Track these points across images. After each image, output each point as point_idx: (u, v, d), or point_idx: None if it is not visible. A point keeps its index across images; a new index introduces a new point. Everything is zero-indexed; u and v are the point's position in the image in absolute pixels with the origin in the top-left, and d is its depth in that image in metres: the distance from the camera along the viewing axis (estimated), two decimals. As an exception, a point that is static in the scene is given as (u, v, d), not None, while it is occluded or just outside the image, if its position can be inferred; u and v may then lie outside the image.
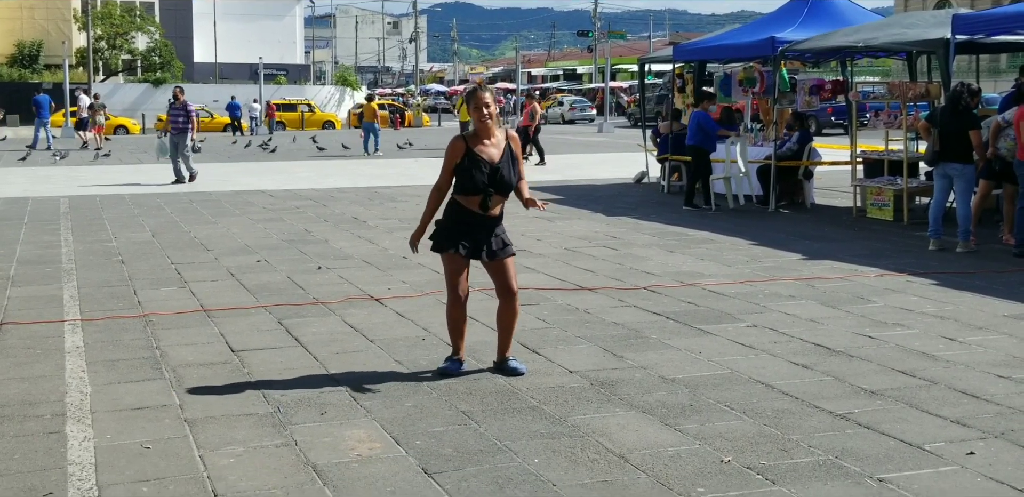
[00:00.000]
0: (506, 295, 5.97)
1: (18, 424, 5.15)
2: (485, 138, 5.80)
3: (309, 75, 79.63)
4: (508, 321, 6.01)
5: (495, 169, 5.75)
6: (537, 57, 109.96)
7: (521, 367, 6.01)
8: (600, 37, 76.06)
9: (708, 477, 4.38)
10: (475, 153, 5.76)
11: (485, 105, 5.74)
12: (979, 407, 5.33)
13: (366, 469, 4.51)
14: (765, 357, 6.38)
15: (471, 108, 5.78)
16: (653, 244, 11.25)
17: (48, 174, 22.04)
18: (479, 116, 5.76)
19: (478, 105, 5.74)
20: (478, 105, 5.74)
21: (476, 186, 5.74)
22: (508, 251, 5.92)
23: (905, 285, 8.71)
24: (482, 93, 5.76)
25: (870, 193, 13.40)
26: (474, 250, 5.84)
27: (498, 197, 5.82)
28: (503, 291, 5.97)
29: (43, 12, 57.93)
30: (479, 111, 5.75)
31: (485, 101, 5.74)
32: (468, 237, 5.82)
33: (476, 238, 5.83)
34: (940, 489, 4.23)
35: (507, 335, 6.04)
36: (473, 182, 5.74)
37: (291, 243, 11.50)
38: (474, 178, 5.73)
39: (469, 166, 5.73)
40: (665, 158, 17.10)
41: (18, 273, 9.63)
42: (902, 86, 12.81)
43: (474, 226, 5.83)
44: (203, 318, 7.62)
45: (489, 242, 5.86)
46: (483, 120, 5.77)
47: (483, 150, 5.78)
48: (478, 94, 5.76)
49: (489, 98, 5.78)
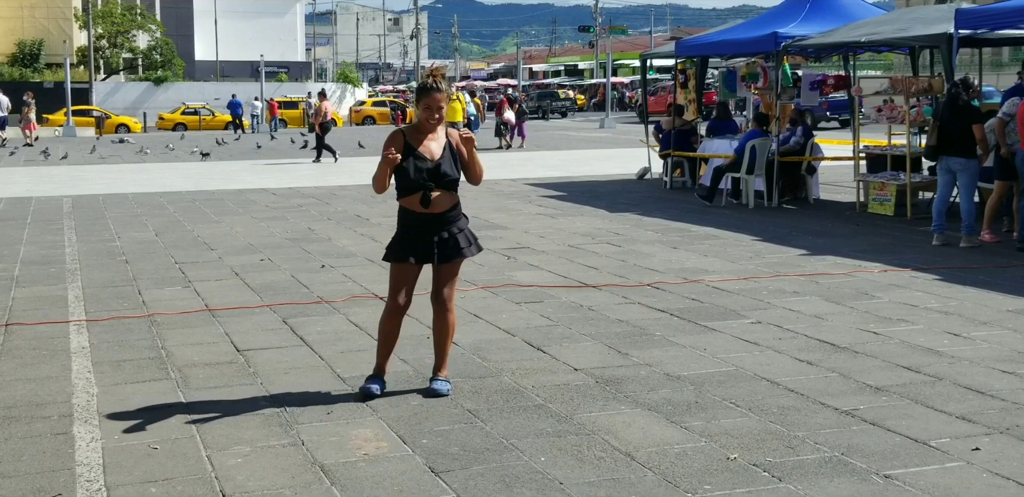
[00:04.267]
0: (435, 303, 5.59)
1: (26, 425, 5.16)
2: (426, 134, 5.46)
3: (310, 72, 79.59)
4: (439, 336, 5.65)
5: (436, 165, 5.40)
6: (538, 53, 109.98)
7: (442, 389, 5.56)
8: (601, 32, 76.01)
9: (714, 474, 4.39)
10: (414, 148, 5.41)
11: (439, 108, 5.39)
12: (984, 403, 5.34)
13: (373, 468, 4.52)
14: (770, 354, 6.38)
15: (421, 106, 5.41)
16: (656, 241, 11.25)
17: (51, 174, 22.06)
18: (428, 116, 5.40)
19: (431, 106, 5.38)
20: (431, 106, 5.38)
21: (413, 182, 5.38)
22: (464, 252, 5.53)
23: (909, 281, 8.71)
24: (438, 95, 5.38)
25: (873, 188, 13.40)
26: (424, 254, 5.48)
27: (440, 193, 5.43)
28: (434, 297, 5.59)
29: (44, 11, 57.89)
30: (430, 111, 5.39)
31: (440, 104, 5.39)
32: (417, 242, 5.47)
33: (426, 241, 5.46)
34: (946, 485, 4.24)
35: (440, 350, 5.66)
36: (410, 178, 5.38)
37: (294, 241, 11.51)
38: (411, 174, 5.37)
39: (407, 162, 5.38)
40: (667, 154, 17.10)
41: (22, 273, 9.65)
42: (905, 81, 12.81)
43: (422, 229, 5.46)
44: (208, 318, 7.64)
45: (442, 243, 5.48)
46: (431, 121, 5.41)
47: (423, 145, 5.43)
48: (434, 96, 5.38)
49: (444, 100, 5.40)
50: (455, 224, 5.53)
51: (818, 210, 14.00)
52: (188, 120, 47.74)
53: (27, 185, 19.26)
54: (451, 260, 5.54)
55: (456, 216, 5.54)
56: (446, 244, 5.50)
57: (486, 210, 13.88)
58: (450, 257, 5.53)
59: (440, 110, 5.41)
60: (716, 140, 16.70)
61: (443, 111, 5.43)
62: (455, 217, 5.53)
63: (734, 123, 17.59)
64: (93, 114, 46.24)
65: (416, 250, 5.49)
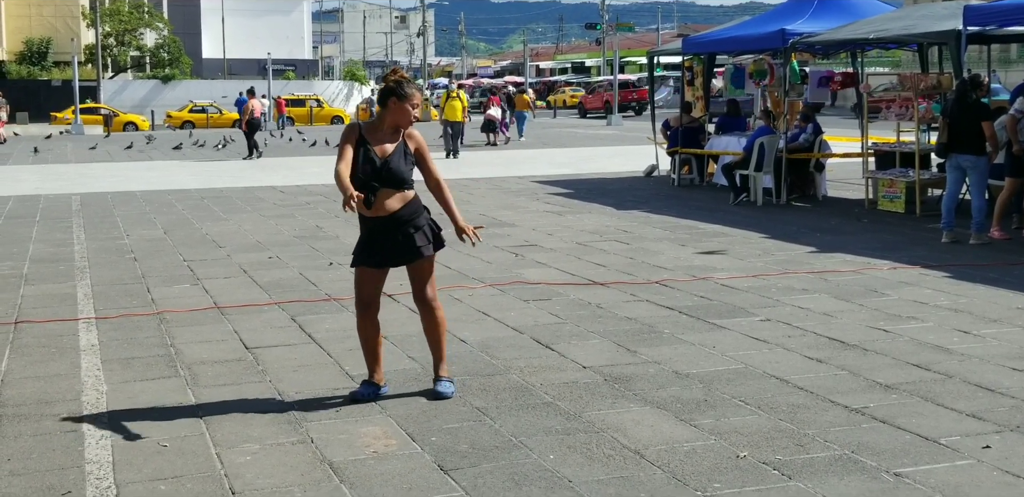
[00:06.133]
0: (418, 304, 5.52)
1: (35, 423, 5.17)
2: (383, 131, 5.36)
3: (317, 70, 79.64)
4: (430, 334, 5.56)
5: (384, 162, 5.27)
6: (545, 50, 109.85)
7: (446, 391, 5.49)
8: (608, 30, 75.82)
9: (724, 472, 4.38)
10: (368, 144, 5.30)
11: (415, 106, 5.32)
12: (994, 400, 5.32)
13: (382, 466, 4.52)
14: (779, 351, 6.37)
15: (400, 105, 5.30)
16: (664, 238, 11.24)
17: (60, 172, 22.10)
18: (411, 117, 5.32)
19: (414, 105, 5.31)
20: (414, 105, 5.31)
21: (358, 182, 5.21)
22: (422, 251, 5.38)
23: (918, 278, 8.68)
24: (417, 93, 5.33)
25: (882, 185, 13.36)
26: (384, 257, 5.39)
27: (387, 191, 5.29)
28: (415, 299, 5.50)
29: (51, 9, 57.96)
30: (411, 111, 5.31)
31: (416, 102, 5.32)
32: (375, 246, 5.37)
33: (384, 244, 5.35)
34: (956, 483, 4.23)
35: (435, 349, 5.58)
36: (356, 177, 5.23)
37: (302, 239, 11.52)
38: (358, 171, 5.24)
39: (359, 159, 5.26)
40: (675, 151, 17.07)
41: (32, 271, 9.67)
42: (913, 78, 12.77)
43: (378, 232, 5.35)
44: (217, 315, 7.64)
45: (398, 245, 5.35)
46: (412, 120, 5.34)
47: (377, 143, 5.32)
48: (415, 94, 5.32)
49: (419, 99, 5.36)
50: (411, 223, 5.37)
51: (827, 207, 13.97)
52: (196, 118, 47.81)
53: (36, 183, 19.30)
54: (413, 261, 5.43)
55: (410, 215, 5.37)
56: (402, 246, 5.37)
57: (494, 208, 13.87)
58: (410, 259, 5.41)
59: (416, 107, 5.34)
60: (725, 137, 16.68)
61: (417, 111, 5.36)
62: (410, 216, 5.36)
63: (743, 120, 17.57)
64: (101, 112, 46.33)
65: (374, 254, 5.40)
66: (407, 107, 5.33)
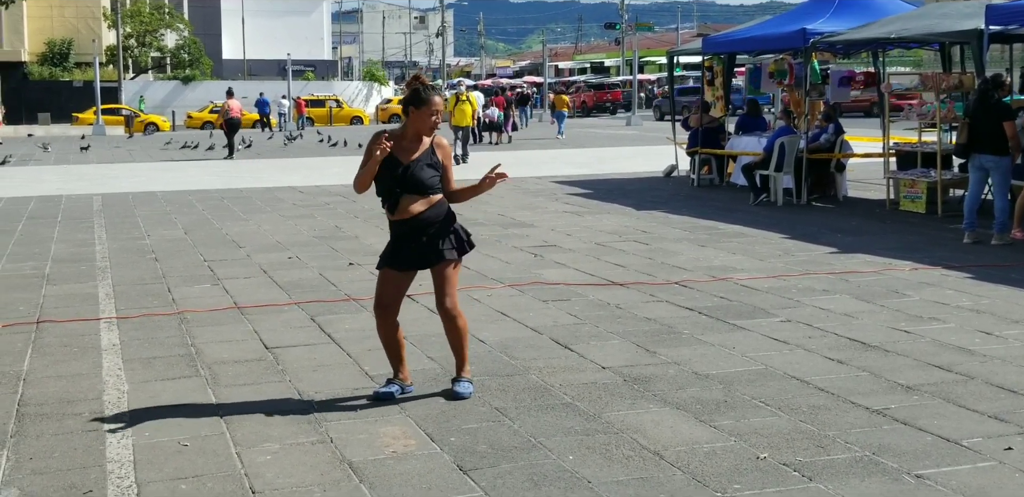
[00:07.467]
0: (440, 309, 5.48)
1: (57, 422, 5.20)
2: (407, 139, 5.38)
3: (337, 71, 79.84)
4: (452, 340, 5.56)
5: (405, 168, 5.31)
6: (564, 50, 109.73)
7: (463, 392, 5.50)
8: (627, 29, 75.79)
9: (744, 474, 4.36)
10: (392, 151, 5.29)
11: (437, 112, 5.32)
12: (1017, 402, 5.28)
13: (401, 466, 4.52)
14: (800, 352, 6.35)
15: (419, 112, 5.31)
16: (684, 238, 11.21)
17: (81, 172, 22.24)
18: (431, 124, 5.33)
19: (432, 111, 5.30)
20: (432, 111, 5.30)
21: (382, 187, 5.34)
22: (444, 255, 5.38)
23: (940, 279, 8.63)
24: (437, 99, 5.32)
25: (903, 185, 13.29)
26: (408, 260, 5.42)
27: (410, 197, 5.34)
28: (438, 305, 5.48)
29: (73, 10, 58.32)
30: (430, 118, 5.31)
31: (438, 108, 5.32)
32: (401, 249, 5.41)
33: (408, 247, 5.39)
34: (978, 485, 4.20)
35: (457, 353, 5.59)
36: (382, 183, 5.33)
37: (322, 239, 11.55)
38: (384, 179, 5.32)
39: (383, 166, 5.30)
40: (695, 151, 17.03)
41: (53, 271, 9.73)
42: (935, 77, 12.70)
43: (405, 235, 5.40)
44: (237, 315, 7.67)
45: (420, 248, 5.38)
46: (434, 127, 5.35)
47: (400, 150, 5.34)
48: (435, 99, 5.31)
49: (441, 104, 5.37)
50: (435, 227, 5.39)
51: (847, 208, 13.90)
52: (216, 118, 47.98)
53: (58, 183, 19.43)
54: (435, 264, 5.43)
55: (435, 218, 5.39)
56: (426, 248, 5.39)
57: (512, 208, 13.87)
58: (431, 262, 5.42)
59: (439, 113, 5.37)
60: (745, 137, 16.63)
61: (440, 116, 5.39)
62: (435, 219, 5.39)
63: (763, 120, 17.50)
64: (123, 113, 46.59)
65: (398, 256, 5.44)
66: (425, 114, 5.32)
